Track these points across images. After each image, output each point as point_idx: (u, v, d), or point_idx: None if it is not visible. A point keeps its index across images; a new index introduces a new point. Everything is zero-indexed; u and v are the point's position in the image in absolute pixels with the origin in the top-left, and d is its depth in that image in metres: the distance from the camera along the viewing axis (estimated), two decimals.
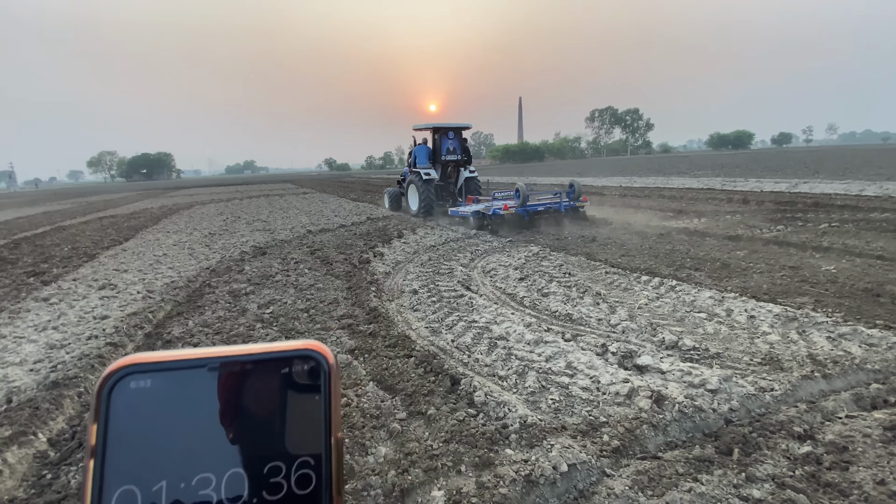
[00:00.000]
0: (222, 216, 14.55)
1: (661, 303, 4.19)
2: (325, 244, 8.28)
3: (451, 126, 11.68)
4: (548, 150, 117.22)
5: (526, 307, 4.27)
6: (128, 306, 4.89)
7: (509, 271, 5.51)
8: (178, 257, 7.63)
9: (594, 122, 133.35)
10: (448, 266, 5.95)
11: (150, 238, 10.18)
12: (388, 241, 8.17)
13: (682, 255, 6.01)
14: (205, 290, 5.54)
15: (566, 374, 2.91)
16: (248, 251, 7.85)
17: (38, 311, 4.91)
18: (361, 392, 2.82)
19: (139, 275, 6.42)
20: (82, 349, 3.69)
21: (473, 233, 8.46)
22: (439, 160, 11.59)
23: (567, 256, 6.18)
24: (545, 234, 8.03)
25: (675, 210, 10.32)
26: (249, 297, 5.05)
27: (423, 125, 11.91)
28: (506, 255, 6.46)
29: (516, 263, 5.85)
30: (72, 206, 24.37)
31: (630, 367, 3.03)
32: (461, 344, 3.47)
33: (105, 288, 5.71)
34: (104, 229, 12.24)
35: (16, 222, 15.97)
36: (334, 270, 6.13)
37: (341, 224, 10.87)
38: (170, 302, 5.07)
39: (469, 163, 12.02)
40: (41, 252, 8.77)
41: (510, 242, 7.38)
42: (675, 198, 12.91)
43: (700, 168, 28.33)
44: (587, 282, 4.92)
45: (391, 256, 6.89)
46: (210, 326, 4.15)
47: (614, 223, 8.83)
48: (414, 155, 11.86)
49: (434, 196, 11.08)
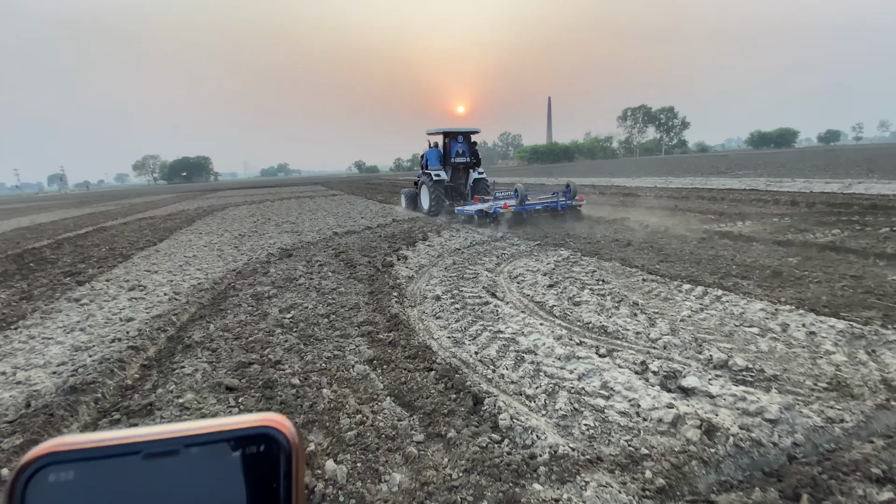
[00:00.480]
0: (253, 218, 14.82)
1: (707, 315, 3.82)
2: (349, 246, 8.21)
3: (461, 131, 12.47)
4: (578, 150, 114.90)
5: (556, 317, 3.99)
6: (154, 308, 4.91)
7: (538, 277, 5.23)
8: (206, 259, 7.72)
9: (626, 120, 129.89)
10: (473, 270, 5.72)
11: (182, 239, 10.42)
12: (413, 243, 8.02)
13: (727, 261, 5.56)
14: (229, 292, 5.53)
15: (601, 396, 2.63)
16: (275, 253, 7.87)
17: (69, 311, 5.00)
18: (377, 408, 2.63)
19: (168, 276, 6.50)
20: (104, 352, 3.68)
21: (500, 235, 8.20)
22: (449, 163, 12.39)
23: (600, 262, 5.84)
24: (576, 238, 7.67)
25: (717, 212, 9.72)
26: (272, 301, 4.98)
27: (434, 130, 12.64)
28: (534, 260, 6.17)
29: (545, 269, 5.56)
30: (115, 207, 25.55)
31: (674, 388, 2.72)
32: (485, 357, 3.24)
33: (134, 289, 5.79)
34: (141, 230, 12.67)
35: (62, 223, 16.81)
36: (357, 274, 6.01)
37: (367, 226, 10.82)
38: (194, 304, 5.06)
39: (478, 165, 12.69)
40: (80, 252, 9.10)
41: (539, 246, 7.08)
42: (715, 199, 12.21)
43: (741, 167, 26.96)
44: (623, 290, 4.59)
45: (415, 260, 6.72)
46: (230, 331, 4.08)
47: (650, 226, 8.38)
48: (426, 158, 12.68)
49: (444, 196, 11.74)
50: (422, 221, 11.03)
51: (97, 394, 3.02)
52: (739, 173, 22.53)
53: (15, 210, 29.08)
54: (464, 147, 12.55)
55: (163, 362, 3.57)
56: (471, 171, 12.45)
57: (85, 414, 2.83)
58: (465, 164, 12.50)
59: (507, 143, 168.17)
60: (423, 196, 12.54)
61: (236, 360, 3.41)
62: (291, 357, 3.41)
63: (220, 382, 3.01)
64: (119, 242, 10.37)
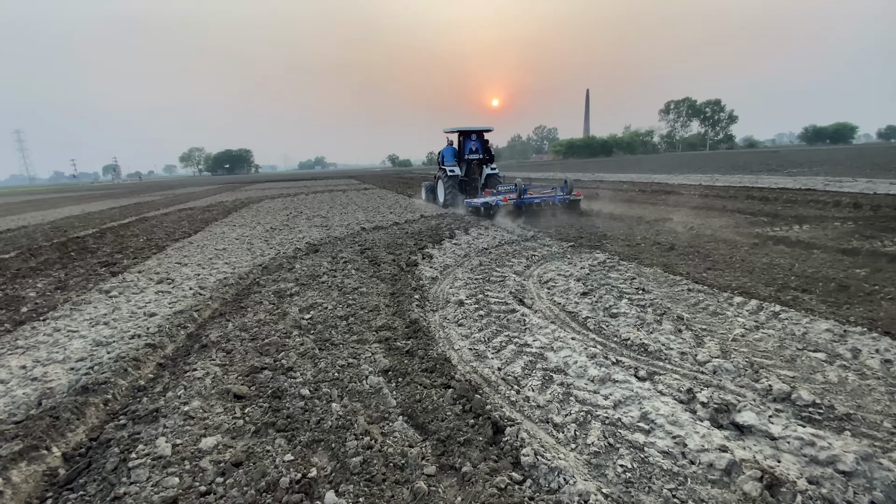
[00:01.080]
0: (286, 211, 15.01)
1: (763, 335, 3.39)
2: (376, 243, 8.07)
3: (474, 129, 13.17)
4: (616, 144, 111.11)
5: (589, 330, 3.65)
6: (178, 303, 4.90)
7: (570, 283, 4.88)
8: (236, 252, 7.77)
9: (669, 114, 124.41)
10: (500, 273, 5.42)
11: (216, 231, 10.62)
12: (439, 241, 7.79)
13: (783, 271, 5.01)
14: (253, 288, 5.48)
15: (641, 430, 2.31)
16: (302, 248, 7.83)
17: (97, 303, 5.07)
18: (388, 429, 2.41)
19: (197, 269, 6.55)
20: (122, 349, 3.64)
21: (531, 235, 7.83)
22: (464, 159, 13.21)
23: (640, 267, 5.41)
24: (614, 239, 7.21)
25: (769, 214, 8.95)
26: (293, 299, 4.87)
27: (451, 129, 13.44)
28: (567, 263, 5.80)
29: (579, 273, 5.19)
30: (160, 198, 26.67)
31: (726, 424, 2.36)
32: (509, 374, 2.96)
33: (163, 282, 5.84)
34: (179, 221, 13.05)
35: (109, 212, 17.63)
36: (381, 272, 5.84)
37: (395, 221, 10.68)
38: (217, 300, 5.02)
39: (491, 161, 13.48)
40: (120, 242, 9.40)
41: (573, 248, 6.68)
42: (767, 199, 11.31)
43: (794, 165, 25.17)
44: (665, 301, 4.18)
45: (440, 259, 6.49)
46: (247, 330, 3.97)
47: (695, 228, 7.78)
48: (442, 155, 13.65)
49: (457, 190, 12.65)
50: (450, 218, 10.78)
51: (108, 395, 2.95)
52: (793, 171, 21.00)
53: (69, 198, 30.92)
54: (477, 144, 13.28)
55: (177, 362, 3.50)
56: (484, 166, 13.27)
57: (92, 417, 2.76)
58: (478, 160, 13.28)
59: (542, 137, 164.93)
60: (439, 190, 13.59)
61: (249, 363, 3.28)
62: (305, 363, 3.25)
63: (228, 389, 2.87)
64: (157, 233, 10.68)
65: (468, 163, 13.19)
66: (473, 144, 13.23)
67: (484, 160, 13.34)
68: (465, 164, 13.19)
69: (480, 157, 13.26)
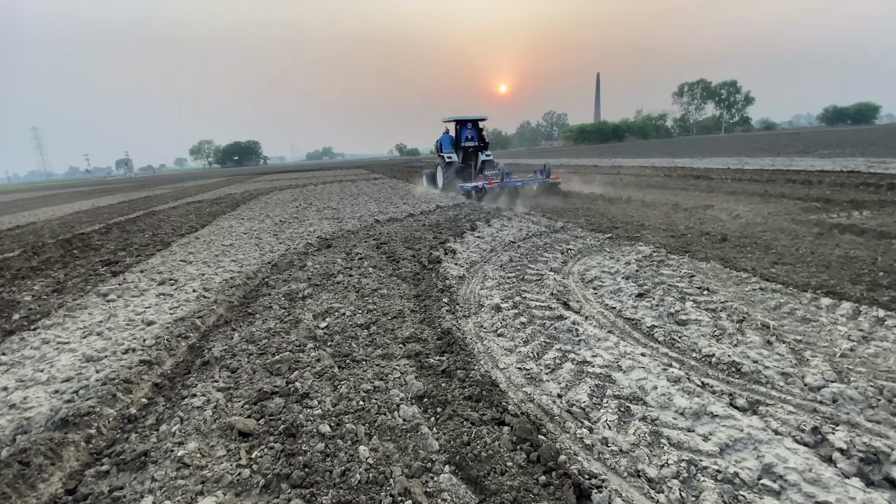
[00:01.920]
0: (295, 202, 14.53)
1: (877, 348, 2.77)
2: (392, 236, 7.53)
3: (470, 119, 14.15)
4: (628, 129, 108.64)
5: (658, 342, 3.08)
6: (179, 308, 4.42)
7: (619, 282, 4.28)
8: (243, 248, 7.29)
9: (683, 97, 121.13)
10: (535, 270, 4.85)
11: (224, 225, 10.17)
12: (461, 234, 7.22)
13: (866, 265, 4.35)
14: (262, 289, 4.98)
15: (770, 491, 1.74)
16: (314, 243, 7.33)
17: (93, 308, 4.62)
18: (433, 488, 1.88)
19: (202, 268, 6.08)
20: (114, 367, 3.17)
21: (560, 226, 7.22)
22: (460, 147, 14.10)
23: (694, 262, 4.79)
24: (654, 229, 6.56)
25: (820, 199, 8.19)
26: (306, 303, 4.36)
27: (448, 118, 14.34)
28: (608, 258, 5.20)
29: (626, 270, 4.60)
30: (169, 191, 26.41)
31: (879, 481, 1.79)
32: (574, 404, 2.40)
33: (165, 283, 5.38)
34: (187, 215, 12.64)
35: (118, 206, 17.34)
36: (401, 270, 5.30)
37: (410, 213, 10.11)
38: (223, 304, 4.53)
39: (486, 148, 14.41)
40: (125, 238, 9.00)
41: (610, 240, 6.06)
42: (809, 183, 10.49)
43: (822, 146, 23.95)
44: (738, 303, 3.57)
45: (465, 254, 5.92)
46: (256, 343, 3.47)
47: (741, 216, 7.09)
48: (440, 143, 14.42)
49: (455, 175, 13.53)
50: (468, 209, 10.19)
51: (91, 429, 2.47)
52: (824, 153, 19.93)
53: (80, 193, 30.89)
54: (472, 133, 14.19)
55: (175, 384, 3.01)
56: (479, 153, 14.15)
57: (72, 459, 2.27)
58: (473, 147, 14.23)
59: (552, 123, 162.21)
60: (438, 175, 14.62)
61: (257, 387, 2.77)
62: (323, 387, 2.73)
63: (232, 424, 2.36)
64: (163, 228, 10.27)
65: (465, 150, 14.12)
66: (469, 133, 14.15)
67: (479, 147, 14.26)
68: (461, 151, 14.10)
69: (476, 145, 14.21)
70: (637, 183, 13.10)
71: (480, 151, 14.21)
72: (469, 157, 14.24)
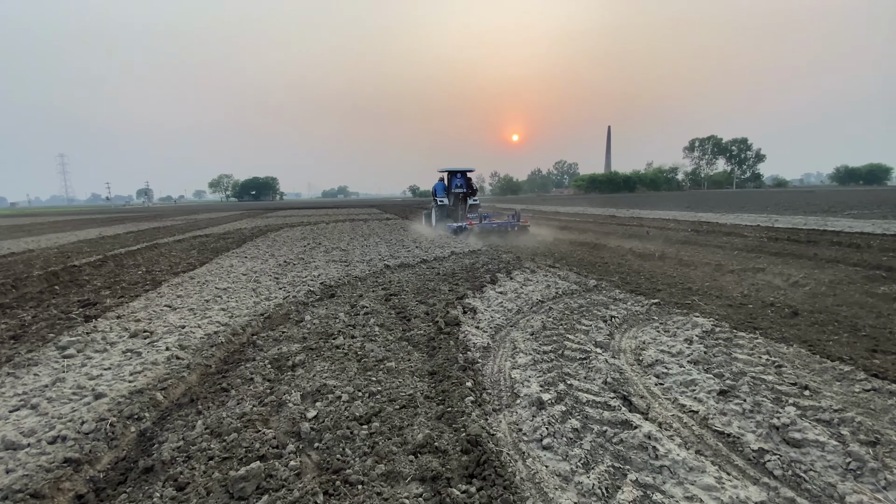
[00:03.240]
0: (304, 241, 13.98)
1: None
2: (403, 286, 6.77)
3: (459, 170, 16.86)
4: (639, 180, 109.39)
5: (776, 478, 2.18)
6: (143, 373, 3.63)
7: (688, 368, 3.42)
8: (238, 293, 6.56)
9: (693, 151, 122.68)
10: (577, 344, 4.00)
11: (224, 264, 9.52)
12: (480, 288, 6.44)
13: None
14: (246, 351, 4.19)
15: None
16: (316, 290, 6.58)
17: (44, 366, 3.84)
18: None
19: (186, 317, 5.34)
20: (28, 467, 2.35)
21: (593, 284, 6.40)
22: (451, 192, 16.62)
23: (770, 343, 3.91)
24: (704, 295, 5.71)
25: (880, 266, 7.30)
26: (296, 375, 3.55)
27: (442, 169, 17.02)
28: (663, 332, 4.34)
29: (691, 352, 3.73)
30: (182, 222, 26.26)
31: None
32: None
33: (137, 336, 4.61)
34: (189, 250, 12.08)
35: (124, 237, 16.94)
36: (412, 333, 4.50)
37: (422, 258, 9.41)
38: (197, 369, 3.73)
39: (473, 194, 16.88)
40: (116, 275, 8.35)
41: (657, 306, 5.22)
42: (857, 246, 9.64)
43: (847, 206, 23.17)
44: (856, 413, 2.68)
45: (487, 315, 5.11)
46: (222, 437, 2.64)
47: (801, 283, 6.22)
48: (435, 188, 17.13)
49: (445, 216, 16.01)
50: (485, 256, 9.46)
51: None
52: (852, 212, 19.15)
53: (93, 221, 30.94)
54: (461, 181, 16.78)
55: (102, 499, 2.17)
56: (468, 198, 16.51)
57: None
58: (462, 193, 16.72)
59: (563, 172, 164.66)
60: (432, 216, 16.74)
61: None
62: None
63: None
64: (160, 264, 9.65)
65: (455, 195, 16.63)
66: (458, 181, 16.72)
67: (467, 193, 16.73)
68: (452, 196, 16.61)
69: (464, 191, 16.73)
70: (664, 237, 12.34)
71: (469, 197, 16.61)
72: (458, 202, 16.65)
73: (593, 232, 14.66)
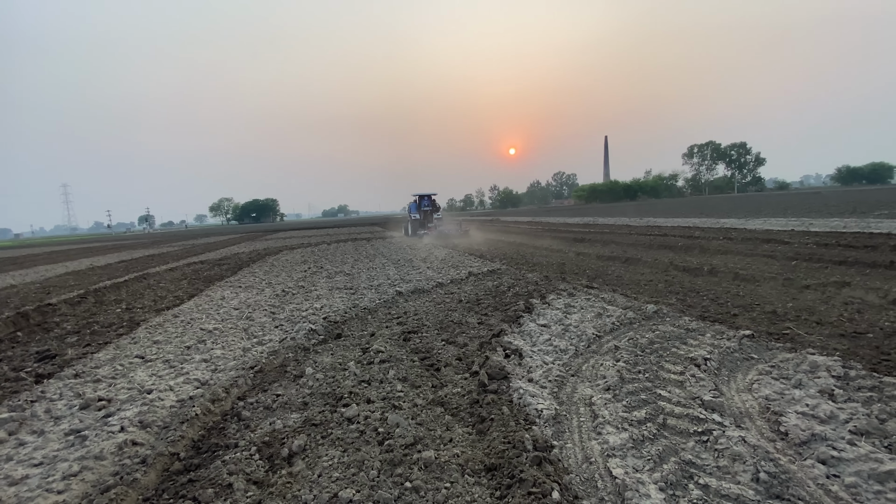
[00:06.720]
0: (305, 265, 12.96)
1: None
2: (422, 319, 5.73)
3: (426, 193, 23.38)
4: (640, 188, 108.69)
5: None
6: (80, 475, 2.56)
7: (864, 448, 2.34)
8: (225, 336, 5.50)
9: (693, 157, 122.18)
10: (679, 406, 2.92)
11: (215, 296, 8.47)
12: (515, 319, 5.38)
13: None
14: (227, 427, 3.13)
15: None
16: (319, 329, 5.53)
17: None
18: None
19: (160, 372, 4.28)
20: None
21: (652, 311, 5.33)
22: (420, 210, 22.72)
23: None
24: (798, 321, 4.62)
25: None
26: (293, 471, 2.49)
27: (414, 193, 23.35)
28: (779, 378, 3.26)
29: (840, 411, 2.65)
30: (178, 248, 25.28)
31: None
32: None
33: (90, 407, 3.55)
34: (179, 280, 11.05)
35: (115, 266, 15.96)
36: (447, 392, 3.44)
37: (438, 282, 8.36)
38: (155, 465, 2.67)
39: (437, 211, 23.26)
40: (91, 314, 7.31)
41: (750, 340, 4.14)
42: None
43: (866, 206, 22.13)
44: None
45: (537, 359, 4.04)
46: None
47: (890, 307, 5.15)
48: (410, 207, 23.45)
49: (418, 227, 21.98)
50: (508, 277, 8.41)
51: None
52: (883, 212, 18.11)
53: (89, 250, 30.01)
54: (427, 202, 23.18)
55: None
56: (433, 214, 22.86)
57: None
58: (428, 210, 22.91)
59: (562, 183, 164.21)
60: (407, 227, 23.04)
61: None
62: None
63: None
64: (145, 299, 8.61)
65: (423, 212, 22.73)
66: (426, 202, 23.14)
67: (432, 210, 23.00)
68: (421, 212, 22.68)
69: (429, 209, 22.96)
70: (700, 247, 11.26)
71: (434, 213, 23.05)
72: (427, 217, 22.81)
73: (616, 244, 13.60)
